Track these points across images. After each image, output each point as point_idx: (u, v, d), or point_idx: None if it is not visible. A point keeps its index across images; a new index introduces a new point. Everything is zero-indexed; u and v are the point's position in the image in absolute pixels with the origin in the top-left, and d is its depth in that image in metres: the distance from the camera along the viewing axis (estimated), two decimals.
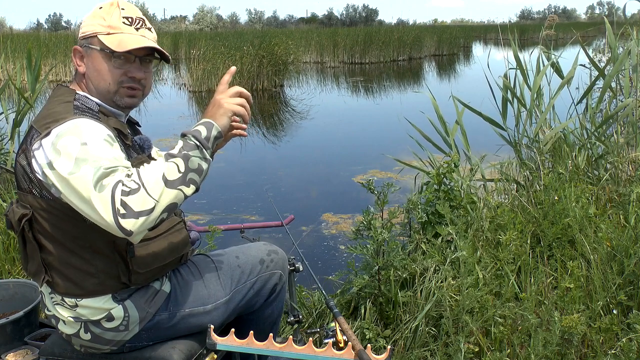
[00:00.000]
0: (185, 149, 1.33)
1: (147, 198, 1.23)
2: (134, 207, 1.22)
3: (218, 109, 1.44)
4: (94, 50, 1.50)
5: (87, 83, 1.52)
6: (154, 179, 1.25)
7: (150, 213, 1.23)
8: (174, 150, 1.34)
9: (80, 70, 1.52)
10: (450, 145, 4.14)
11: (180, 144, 1.35)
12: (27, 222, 1.44)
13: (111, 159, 1.30)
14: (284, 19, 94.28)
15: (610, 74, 4.29)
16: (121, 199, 1.21)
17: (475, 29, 47.98)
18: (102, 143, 1.33)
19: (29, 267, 1.52)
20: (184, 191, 1.30)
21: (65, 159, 1.29)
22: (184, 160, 1.31)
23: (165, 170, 1.28)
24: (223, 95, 1.47)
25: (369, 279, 2.49)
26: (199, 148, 1.34)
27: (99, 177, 1.24)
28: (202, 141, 1.36)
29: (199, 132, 1.37)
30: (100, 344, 1.53)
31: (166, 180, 1.27)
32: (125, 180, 1.24)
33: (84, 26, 1.52)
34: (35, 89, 4.84)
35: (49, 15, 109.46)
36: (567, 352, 1.99)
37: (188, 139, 1.35)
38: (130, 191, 1.22)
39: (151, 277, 1.54)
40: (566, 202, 2.85)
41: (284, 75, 14.67)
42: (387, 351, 1.51)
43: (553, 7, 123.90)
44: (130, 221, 1.21)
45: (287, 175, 6.42)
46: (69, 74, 16.85)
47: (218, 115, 1.43)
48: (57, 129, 1.35)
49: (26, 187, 1.42)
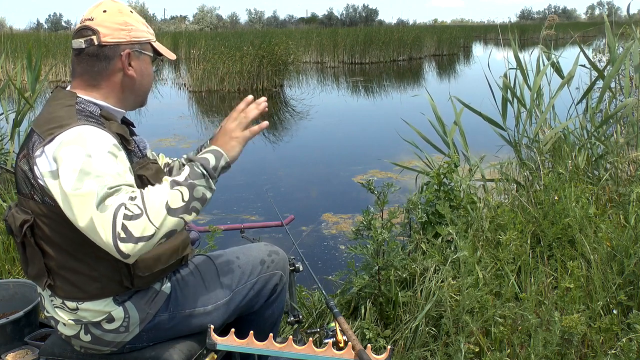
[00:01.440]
0: (192, 177, 1.32)
1: (148, 225, 1.23)
2: (135, 232, 1.21)
3: (230, 140, 1.44)
4: (147, 56, 1.54)
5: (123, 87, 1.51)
6: (157, 206, 1.24)
7: (149, 239, 1.24)
8: (180, 177, 1.32)
9: (129, 74, 1.50)
10: (448, 145, 4.15)
11: (187, 170, 1.34)
12: (29, 229, 1.44)
13: (115, 175, 1.29)
14: (284, 19, 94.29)
15: (610, 74, 4.29)
16: (122, 223, 1.21)
17: (475, 29, 47.99)
18: (106, 156, 1.32)
19: (29, 271, 1.52)
20: (185, 219, 1.30)
21: (68, 172, 1.28)
22: (189, 189, 1.30)
23: (169, 198, 1.27)
24: (234, 125, 1.46)
25: (369, 279, 2.49)
26: (205, 177, 1.34)
27: (103, 197, 1.23)
28: (209, 171, 1.35)
29: (208, 160, 1.37)
30: (100, 345, 1.53)
31: (169, 208, 1.26)
32: (129, 204, 1.23)
33: (135, 30, 1.50)
34: (35, 89, 4.84)
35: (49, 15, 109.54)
36: (567, 352, 1.99)
37: (196, 166, 1.34)
38: (133, 216, 1.22)
39: (153, 279, 1.54)
40: (566, 202, 2.85)
41: (284, 75, 14.68)
42: (387, 351, 1.51)
43: (553, 7, 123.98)
44: (129, 245, 1.21)
45: (287, 175, 6.42)
46: (69, 74, 16.79)
47: (229, 145, 1.43)
48: (60, 137, 1.34)
49: (27, 192, 1.41)
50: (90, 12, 1.49)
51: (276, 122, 10.18)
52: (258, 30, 29.93)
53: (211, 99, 12.95)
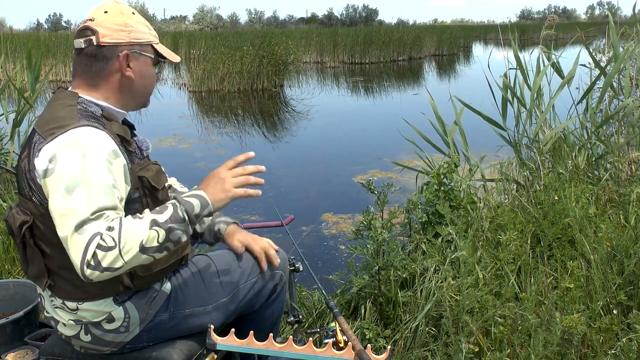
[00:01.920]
0: (172, 220, 1.31)
1: (118, 258, 1.24)
2: (103, 263, 1.23)
3: (221, 192, 1.41)
4: (148, 58, 1.53)
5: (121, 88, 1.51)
6: (131, 243, 1.25)
7: (115, 271, 1.26)
8: (161, 216, 1.31)
9: (127, 74, 1.50)
10: (449, 145, 4.15)
11: (169, 211, 1.32)
12: (28, 229, 1.44)
13: (105, 188, 1.30)
14: (284, 19, 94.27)
15: (611, 74, 4.29)
16: (94, 251, 1.23)
17: (475, 29, 47.99)
18: (102, 163, 1.32)
19: (29, 271, 1.52)
20: (155, 257, 1.31)
21: (61, 176, 1.30)
22: (167, 232, 1.30)
23: (145, 238, 1.27)
24: (228, 175, 1.43)
25: (369, 279, 2.49)
26: (185, 222, 1.33)
27: (83, 220, 1.25)
28: (191, 217, 1.34)
29: (193, 207, 1.35)
30: (100, 346, 1.53)
31: (143, 247, 1.27)
32: (105, 234, 1.24)
33: (135, 32, 1.50)
34: (35, 89, 4.84)
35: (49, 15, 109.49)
36: (567, 352, 1.99)
37: (180, 210, 1.33)
38: (105, 247, 1.23)
39: (153, 279, 1.54)
40: (566, 202, 2.85)
41: (284, 75, 14.67)
42: (387, 351, 1.51)
43: (553, 7, 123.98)
44: (94, 273, 1.24)
45: (287, 175, 6.42)
46: (69, 74, 16.84)
47: (218, 197, 1.40)
48: (60, 138, 1.34)
49: (27, 193, 1.42)
50: (92, 12, 1.50)
51: (276, 122, 10.18)
52: (258, 30, 29.92)
53: (211, 99, 12.95)
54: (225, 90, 13.56)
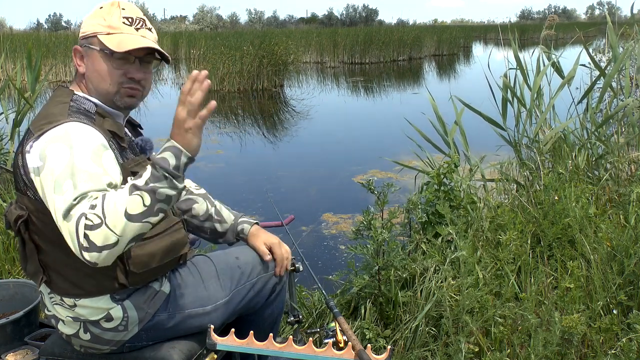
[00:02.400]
0: (152, 180, 1.24)
1: (109, 233, 1.20)
2: (96, 242, 1.20)
3: (185, 132, 1.28)
4: (94, 51, 1.49)
5: (87, 83, 1.52)
6: (116, 214, 1.21)
7: (113, 247, 1.22)
8: (139, 180, 1.25)
9: (80, 71, 1.52)
10: (449, 145, 4.15)
11: (147, 172, 1.26)
12: (23, 224, 1.45)
13: (91, 176, 1.28)
14: (284, 19, 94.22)
15: (611, 74, 4.29)
16: (84, 233, 1.20)
17: (475, 29, 47.98)
18: (88, 155, 1.32)
19: (27, 268, 1.52)
20: (150, 221, 1.26)
21: (50, 172, 1.30)
22: (150, 193, 1.23)
23: (128, 205, 1.22)
24: (184, 114, 1.28)
25: (369, 279, 2.49)
26: (167, 179, 1.25)
27: (68, 207, 1.24)
28: (170, 172, 1.25)
29: (167, 161, 1.25)
30: (99, 344, 1.53)
31: (129, 215, 1.22)
32: (89, 214, 1.21)
33: (84, 26, 1.52)
34: (35, 89, 4.84)
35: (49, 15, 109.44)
36: (567, 352, 1.99)
37: (155, 169, 1.25)
38: (93, 226, 1.20)
39: (149, 277, 1.53)
40: (566, 202, 2.85)
41: (284, 75, 14.67)
42: (387, 351, 1.51)
43: (553, 7, 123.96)
44: (93, 254, 1.21)
45: (287, 175, 6.42)
46: (69, 74, 16.84)
47: (186, 139, 1.28)
48: (48, 133, 1.35)
49: (22, 188, 1.43)
50: None
51: (276, 122, 10.18)
52: (258, 30, 29.91)
53: (211, 99, 12.89)
54: (225, 90, 13.55)
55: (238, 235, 1.84)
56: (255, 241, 1.80)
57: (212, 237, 1.86)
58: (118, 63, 1.48)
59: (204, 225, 1.83)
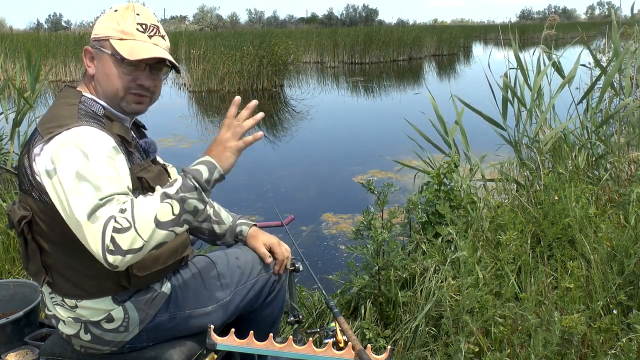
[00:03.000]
0: (183, 190, 1.29)
1: (136, 238, 1.23)
2: (123, 245, 1.22)
3: (224, 150, 1.36)
4: (105, 54, 1.48)
5: (96, 85, 1.51)
6: (146, 219, 1.24)
7: (138, 251, 1.24)
8: (171, 189, 1.29)
9: (89, 72, 1.51)
10: (449, 145, 4.14)
11: (179, 182, 1.30)
12: (26, 224, 1.44)
13: (110, 180, 1.29)
14: (284, 19, 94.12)
15: (611, 72, 4.29)
16: (112, 235, 1.22)
17: (475, 29, 47.96)
18: (103, 159, 1.32)
19: (29, 267, 1.52)
20: (175, 231, 1.29)
21: (65, 174, 1.29)
22: (180, 202, 1.28)
23: (158, 212, 1.25)
24: (229, 135, 1.38)
25: (369, 279, 2.49)
26: (197, 190, 1.30)
27: (94, 207, 1.24)
28: (202, 184, 1.30)
29: (200, 173, 1.31)
30: (100, 345, 1.53)
31: (158, 222, 1.25)
32: (118, 217, 1.23)
33: (97, 28, 1.50)
34: (35, 89, 4.84)
35: (49, 15, 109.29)
36: (567, 352, 1.99)
37: (188, 179, 1.30)
38: (121, 229, 1.22)
39: (151, 279, 1.54)
40: (566, 202, 2.85)
41: (284, 75, 14.66)
42: (387, 351, 1.51)
43: (553, 7, 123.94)
44: (117, 257, 1.22)
45: (287, 175, 6.42)
46: (69, 74, 16.84)
47: (223, 156, 1.35)
48: (59, 137, 1.34)
49: (27, 188, 1.42)
50: None
51: (276, 122, 10.18)
52: (258, 30, 29.88)
53: (211, 99, 12.95)
54: (225, 90, 13.55)
55: (236, 237, 1.84)
56: (254, 243, 1.80)
57: (210, 238, 1.86)
58: (128, 69, 1.48)
59: (202, 226, 1.83)
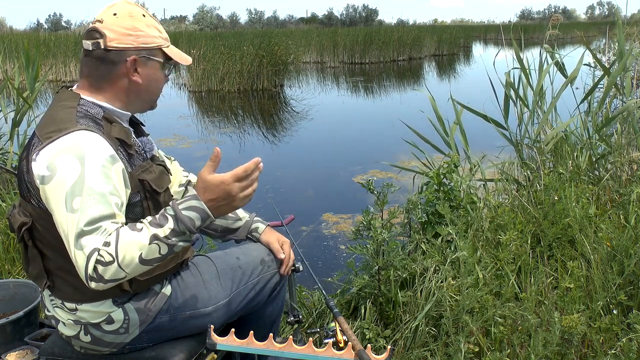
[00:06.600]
0: (173, 234, 1.30)
1: (118, 271, 1.27)
2: (105, 276, 1.26)
3: (226, 206, 1.34)
4: (155, 62, 1.50)
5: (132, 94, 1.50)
6: (130, 256, 1.26)
7: (119, 280, 1.30)
8: (161, 231, 1.29)
9: (134, 79, 1.48)
10: (449, 145, 4.14)
11: (170, 224, 1.30)
12: (27, 231, 1.45)
13: (103, 196, 1.30)
14: (284, 19, 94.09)
15: (615, 73, 4.29)
16: (94, 266, 1.25)
17: (475, 29, 47.99)
18: (99, 170, 1.32)
19: (30, 270, 1.52)
20: (159, 264, 1.34)
21: (59, 185, 1.30)
22: (169, 247, 1.30)
23: (144, 251, 1.27)
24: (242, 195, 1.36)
25: (369, 279, 2.49)
26: (186, 234, 1.32)
27: (80, 233, 1.26)
28: (192, 230, 1.31)
29: (194, 222, 1.31)
30: (100, 346, 1.53)
31: (143, 260, 1.28)
32: (102, 250, 1.25)
33: (144, 36, 1.47)
34: (34, 89, 4.83)
35: (49, 15, 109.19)
36: (567, 352, 1.99)
37: (181, 225, 1.30)
38: (104, 262, 1.25)
39: (152, 282, 1.54)
40: (566, 202, 2.85)
41: (284, 75, 14.67)
42: (387, 351, 1.51)
43: (553, 7, 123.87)
44: (99, 284, 1.28)
45: (287, 176, 6.42)
46: (69, 73, 16.84)
47: (222, 210, 1.34)
48: (57, 143, 1.33)
49: (26, 194, 1.42)
50: (102, 13, 1.47)
51: (276, 122, 10.18)
52: (258, 30, 29.86)
53: (211, 99, 12.95)
54: (225, 90, 13.55)
55: (250, 233, 1.85)
56: (269, 237, 1.83)
57: (221, 233, 1.85)
58: (165, 74, 1.55)
59: (215, 224, 1.83)
